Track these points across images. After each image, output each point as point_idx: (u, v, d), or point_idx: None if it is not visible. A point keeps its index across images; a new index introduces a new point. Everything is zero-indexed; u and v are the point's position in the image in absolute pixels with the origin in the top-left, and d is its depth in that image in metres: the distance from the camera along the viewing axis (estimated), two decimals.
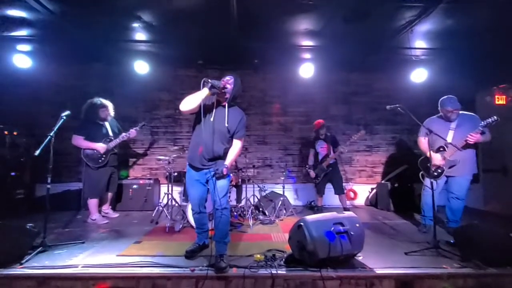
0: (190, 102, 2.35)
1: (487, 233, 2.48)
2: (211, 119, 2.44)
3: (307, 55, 4.74)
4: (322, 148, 4.45)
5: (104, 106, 3.91)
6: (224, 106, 2.46)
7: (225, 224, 2.48)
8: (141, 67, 4.60)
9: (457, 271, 2.26)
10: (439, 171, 3.22)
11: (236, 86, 2.46)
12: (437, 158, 3.21)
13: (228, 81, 2.44)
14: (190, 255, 2.55)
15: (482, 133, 3.06)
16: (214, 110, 2.46)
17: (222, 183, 2.46)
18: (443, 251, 2.60)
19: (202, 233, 2.71)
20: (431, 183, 2.86)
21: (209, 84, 2.31)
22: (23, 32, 3.92)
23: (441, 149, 3.25)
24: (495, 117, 2.95)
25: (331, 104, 5.54)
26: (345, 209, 4.26)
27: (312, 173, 4.46)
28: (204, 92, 2.32)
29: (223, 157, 2.49)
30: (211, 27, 3.80)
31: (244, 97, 5.47)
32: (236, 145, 2.52)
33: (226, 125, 2.41)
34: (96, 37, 4.01)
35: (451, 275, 2.21)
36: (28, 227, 2.58)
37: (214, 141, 2.42)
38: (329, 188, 4.51)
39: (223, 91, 2.40)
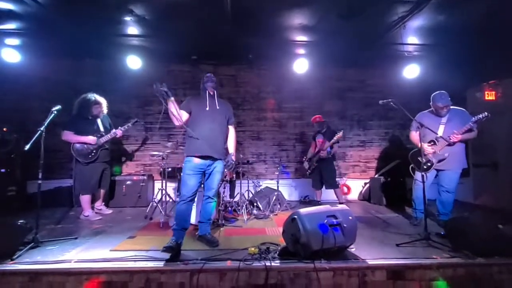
0: (175, 118, 2.60)
1: (476, 224, 2.53)
2: (207, 109, 2.75)
3: (302, 51, 4.74)
4: (318, 141, 4.54)
5: (97, 103, 3.85)
6: (213, 95, 2.83)
7: (213, 208, 2.89)
8: (134, 62, 4.53)
9: (447, 261, 2.31)
10: (429, 164, 3.28)
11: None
12: (428, 147, 3.27)
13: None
14: (169, 251, 2.33)
15: (470, 130, 3.11)
16: (207, 101, 2.78)
17: (218, 177, 2.80)
18: (434, 242, 2.65)
19: (181, 231, 2.56)
20: (422, 176, 2.91)
21: (162, 92, 2.46)
22: (11, 25, 3.82)
23: (432, 142, 3.30)
24: (486, 113, 2.98)
25: (325, 100, 5.56)
26: (341, 203, 4.31)
27: (306, 165, 4.56)
28: (171, 104, 2.55)
29: (225, 143, 2.87)
30: (205, 22, 3.76)
31: (239, 93, 5.47)
32: (232, 132, 2.95)
33: (218, 107, 2.79)
34: (87, 31, 3.93)
35: (441, 265, 2.25)
36: (19, 223, 2.54)
37: (217, 128, 2.76)
38: None
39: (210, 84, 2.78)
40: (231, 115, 2.94)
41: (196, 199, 3.42)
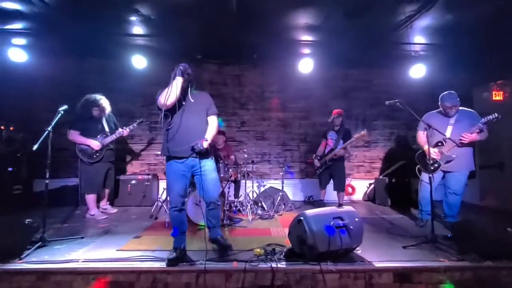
0: (171, 96, 2.33)
1: (484, 227, 2.51)
2: (183, 102, 2.47)
3: (307, 50, 4.71)
4: (331, 140, 4.37)
5: (97, 105, 3.83)
6: (186, 88, 2.49)
7: (219, 212, 2.68)
8: (139, 62, 4.54)
9: (454, 264, 2.29)
10: (436, 165, 3.24)
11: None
12: (434, 152, 3.23)
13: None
14: (174, 263, 2.25)
15: (481, 131, 3.06)
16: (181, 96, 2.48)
17: (213, 176, 2.52)
18: (441, 245, 2.64)
19: (181, 235, 2.45)
20: (429, 177, 2.88)
21: (180, 71, 2.33)
22: (18, 25, 3.84)
23: (439, 143, 3.27)
24: (496, 114, 2.93)
25: (330, 99, 5.50)
26: (340, 205, 4.27)
27: (317, 163, 4.42)
28: (179, 81, 2.35)
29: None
30: (210, 21, 3.76)
31: (243, 92, 5.46)
32: (212, 121, 2.57)
33: (192, 100, 2.46)
34: (93, 30, 3.94)
35: (448, 268, 2.24)
36: (26, 222, 2.56)
37: (195, 124, 2.48)
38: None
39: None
40: (210, 105, 2.59)
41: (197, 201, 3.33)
